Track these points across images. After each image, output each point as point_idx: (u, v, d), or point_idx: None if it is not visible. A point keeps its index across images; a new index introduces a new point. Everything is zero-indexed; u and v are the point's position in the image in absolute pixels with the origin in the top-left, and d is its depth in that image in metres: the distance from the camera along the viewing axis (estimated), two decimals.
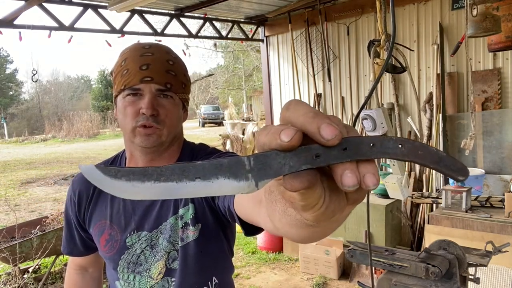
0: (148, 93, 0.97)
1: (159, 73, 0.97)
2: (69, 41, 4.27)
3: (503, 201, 2.93)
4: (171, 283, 1.07)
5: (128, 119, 0.98)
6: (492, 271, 2.73)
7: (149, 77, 0.96)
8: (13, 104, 37.12)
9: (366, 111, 1.40)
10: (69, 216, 1.18)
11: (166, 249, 1.06)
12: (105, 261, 1.16)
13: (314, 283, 3.89)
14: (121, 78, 0.98)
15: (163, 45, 1.05)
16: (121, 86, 0.98)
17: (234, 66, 22.60)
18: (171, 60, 1.01)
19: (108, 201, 1.09)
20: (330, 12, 5.00)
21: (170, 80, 0.99)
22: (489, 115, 3.87)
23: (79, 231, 1.18)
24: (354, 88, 4.98)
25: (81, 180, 1.14)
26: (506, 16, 2.69)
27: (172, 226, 1.05)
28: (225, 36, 6.11)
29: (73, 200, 1.14)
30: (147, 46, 1.01)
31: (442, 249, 1.21)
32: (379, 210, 3.77)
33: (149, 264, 1.07)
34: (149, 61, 0.97)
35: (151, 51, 0.99)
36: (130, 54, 1.00)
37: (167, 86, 0.98)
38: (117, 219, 1.08)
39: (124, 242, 1.07)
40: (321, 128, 0.33)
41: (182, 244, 1.05)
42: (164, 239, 1.06)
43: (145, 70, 0.96)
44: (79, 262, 1.26)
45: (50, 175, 11.64)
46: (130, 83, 0.97)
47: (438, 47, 4.14)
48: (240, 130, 8.01)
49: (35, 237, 3.77)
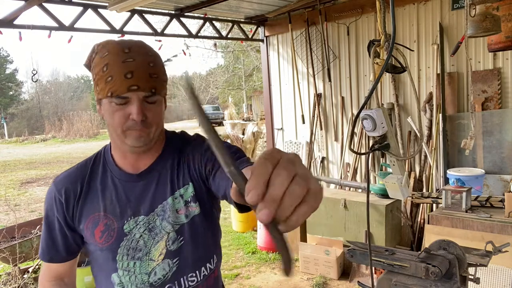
0: (136, 101, 1.01)
1: (144, 79, 1.00)
2: (69, 41, 4.27)
3: (503, 201, 2.93)
4: (174, 264, 1.12)
5: (117, 123, 1.03)
6: (492, 271, 2.73)
7: (135, 85, 0.99)
8: (13, 104, 37.10)
9: (366, 111, 1.40)
10: (50, 219, 1.15)
11: (166, 229, 1.11)
12: (99, 256, 1.14)
13: (314, 283, 3.89)
14: (105, 84, 1.01)
15: (141, 43, 1.06)
16: (107, 93, 1.01)
17: (234, 66, 22.59)
18: (151, 62, 1.03)
19: (100, 194, 1.12)
20: (330, 12, 5.00)
21: (154, 84, 1.03)
22: (489, 115, 3.87)
23: (64, 232, 1.15)
24: (354, 88, 4.98)
25: (66, 179, 1.15)
26: (506, 16, 2.69)
27: (170, 206, 1.11)
28: (225, 36, 6.11)
29: (59, 200, 1.13)
30: (127, 50, 1.01)
31: (442, 249, 1.21)
32: (379, 210, 3.77)
33: (149, 247, 1.10)
34: (133, 68, 0.99)
35: (132, 56, 1.01)
36: (111, 59, 1.00)
37: (153, 91, 1.03)
38: (111, 209, 1.11)
39: (122, 229, 1.10)
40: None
41: (187, 221, 1.12)
42: (163, 220, 1.10)
43: (130, 78, 0.99)
44: (55, 272, 1.20)
45: (50, 175, 11.64)
46: (116, 92, 1.00)
47: (438, 47, 4.14)
48: (240, 130, 8.01)
49: (35, 237, 3.77)
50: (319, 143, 5.41)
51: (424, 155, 4.35)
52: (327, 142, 5.35)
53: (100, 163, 1.17)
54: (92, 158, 1.19)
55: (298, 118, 5.63)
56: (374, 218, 3.79)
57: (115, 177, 1.13)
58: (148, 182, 1.12)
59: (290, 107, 5.74)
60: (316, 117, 5.35)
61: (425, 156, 4.34)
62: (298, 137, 5.74)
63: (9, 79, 38.03)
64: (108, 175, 1.14)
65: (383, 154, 1.49)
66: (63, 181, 1.15)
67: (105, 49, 1.03)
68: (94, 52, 1.06)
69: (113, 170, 1.14)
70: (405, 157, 3.71)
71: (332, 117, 5.23)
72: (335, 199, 4.10)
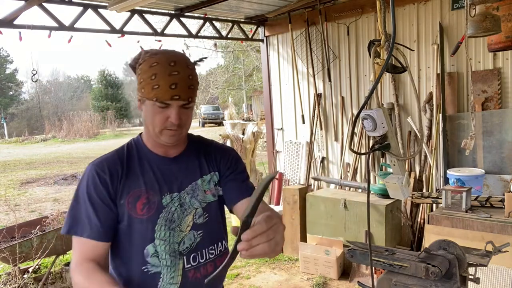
0: (175, 108, 1.22)
1: (184, 91, 1.21)
2: (69, 41, 4.27)
3: (503, 201, 2.93)
4: (198, 235, 1.34)
5: (156, 123, 1.23)
6: (492, 271, 2.73)
7: (177, 95, 1.20)
8: (13, 104, 37.09)
9: (366, 111, 1.40)
10: (94, 197, 1.23)
11: (194, 205, 1.33)
12: (137, 228, 1.27)
13: (314, 283, 3.89)
14: (152, 89, 1.20)
15: (184, 58, 1.25)
16: (153, 98, 1.20)
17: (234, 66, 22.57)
18: (191, 75, 1.23)
19: (139, 173, 1.29)
20: (330, 12, 5.00)
21: (191, 94, 1.24)
22: (489, 115, 3.87)
23: (107, 208, 1.24)
24: (354, 88, 4.98)
25: (105, 161, 1.28)
26: (506, 16, 2.68)
27: (200, 187, 1.35)
28: (225, 36, 6.11)
29: (103, 178, 1.25)
30: (173, 63, 1.20)
31: (442, 249, 1.21)
32: (379, 210, 3.77)
33: (180, 220, 1.31)
34: (177, 81, 1.19)
35: (177, 70, 1.20)
36: (159, 70, 1.19)
37: (189, 100, 1.23)
38: (151, 185, 1.29)
39: (161, 202, 1.28)
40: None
41: (214, 199, 1.38)
42: (191, 198, 1.33)
43: (174, 89, 1.19)
44: (92, 254, 1.22)
45: (50, 175, 11.64)
46: (161, 98, 1.19)
47: (438, 47, 4.14)
48: (240, 130, 8.00)
49: (35, 237, 3.77)
50: (319, 143, 5.41)
51: (424, 155, 4.35)
52: (327, 142, 5.35)
53: (134, 150, 1.34)
54: (124, 147, 1.34)
55: (298, 118, 5.63)
56: (374, 218, 3.79)
57: (151, 160, 1.32)
58: (180, 165, 1.34)
59: (290, 107, 5.74)
60: (316, 117, 5.35)
61: (425, 156, 4.34)
62: (298, 137, 5.74)
63: (9, 79, 38.02)
64: (144, 159, 1.32)
65: (383, 154, 1.49)
66: (103, 163, 1.28)
67: (154, 60, 1.21)
68: (142, 58, 1.25)
69: (148, 154, 1.33)
70: (405, 157, 3.71)
71: (332, 117, 5.23)
72: (335, 199, 4.10)
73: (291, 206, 4.52)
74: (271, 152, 6.10)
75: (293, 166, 5.78)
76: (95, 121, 25.64)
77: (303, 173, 5.61)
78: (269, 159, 6.27)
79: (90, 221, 1.22)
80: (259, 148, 9.71)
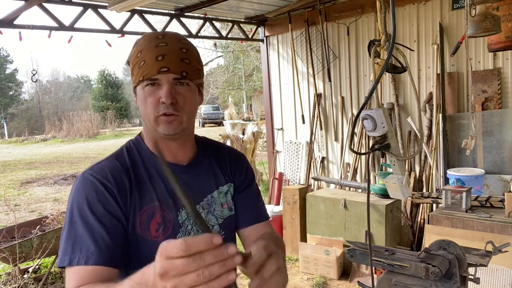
0: (165, 83, 1.01)
1: (175, 62, 1.01)
2: (69, 41, 4.27)
3: (503, 201, 2.93)
4: None
5: (149, 109, 1.02)
6: (492, 271, 2.73)
7: (166, 67, 1.00)
8: (13, 104, 37.11)
9: (366, 111, 1.40)
10: (100, 211, 0.96)
11: (211, 222, 1.14)
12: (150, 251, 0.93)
13: (314, 283, 3.89)
14: (138, 69, 1.02)
15: (175, 33, 1.09)
16: (140, 77, 1.01)
17: (234, 66, 22.58)
18: (184, 48, 1.04)
19: (149, 185, 1.06)
20: (330, 12, 5.00)
21: (185, 68, 1.02)
22: (489, 115, 3.87)
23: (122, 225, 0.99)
24: (354, 88, 4.98)
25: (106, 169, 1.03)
26: (506, 16, 2.69)
27: (215, 200, 1.16)
28: (225, 36, 6.11)
29: (110, 188, 0.99)
30: (161, 36, 1.03)
31: (442, 249, 1.20)
32: (379, 210, 3.77)
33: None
34: (164, 52, 1.00)
35: (165, 41, 1.02)
36: (145, 45, 1.02)
37: (183, 74, 1.02)
38: (164, 200, 1.06)
39: (177, 220, 1.07)
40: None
41: (231, 213, 1.19)
42: (208, 213, 1.14)
43: (161, 60, 0.99)
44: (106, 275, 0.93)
45: (50, 175, 11.64)
46: (148, 75, 1.00)
47: (438, 47, 4.14)
48: (240, 130, 8.01)
49: (35, 237, 3.77)
50: (319, 143, 5.41)
51: (424, 155, 4.35)
52: (327, 142, 5.35)
53: (136, 155, 1.10)
54: (123, 151, 1.10)
55: (298, 118, 5.63)
56: (374, 218, 3.79)
57: (159, 168, 1.07)
58: (195, 174, 1.13)
59: (290, 107, 5.74)
60: (316, 117, 5.35)
61: (425, 156, 4.34)
62: (298, 137, 5.74)
63: (9, 79, 38.05)
64: (150, 165, 1.08)
65: (383, 154, 1.49)
66: (104, 170, 1.02)
67: (142, 38, 1.05)
68: (134, 46, 1.07)
69: (154, 160, 1.09)
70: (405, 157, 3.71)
71: (332, 117, 5.23)
72: (335, 199, 4.10)
73: (291, 206, 4.52)
74: (271, 152, 6.11)
75: (293, 166, 5.78)
76: (95, 121, 25.63)
77: (303, 173, 5.61)
78: (269, 159, 6.27)
79: (96, 242, 0.93)
80: (259, 148, 9.72)
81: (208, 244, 0.60)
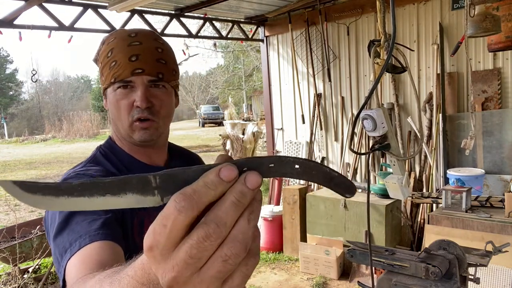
0: (140, 85, 0.93)
1: (150, 63, 0.94)
2: (69, 41, 4.27)
3: (503, 201, 2.93)
4: None
5: (122, 114, 0.95)
6: (492, 271, 2.73)
7: (140, 68, 0.92)
8: (13, 104, 37.13)
9: (366, 111, 1.40)
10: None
11: None
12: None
13: (314, 283, 3.89)
14: (109, 70, 0.94)
15: (150, 30, 1.02)
16: (111, 79, 0.94)
17: (234, 66, 22.61)
18: (160, 48, 0.97)
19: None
20: (330, 12, 5.00)
21: (161, 69, 0.96)
22: (489, 115, 3.87)
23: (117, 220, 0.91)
24: (354, 88, 4.98)
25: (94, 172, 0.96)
26: (506, 16, 2.69)
27: None
28: (225, 36, 6.11)
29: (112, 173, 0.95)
30: (133, 34, 0.96)
31: (442, 249, 1.21)
32: (379, 210, 3.77)
33: None
34: (138, 51, 0.93)
35: (138, 40, 0.94)
36: (116, 43, 0.94)
37: (159, 76, 0.95)
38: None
39: None
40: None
41: None
42: None
43: (135, 61, 0.92)
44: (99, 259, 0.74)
45: (50, 175, 11.64)
46: (120, 76, 0.93)
47: (438, 47, 4.14)
48: (240, 130, 8.01)
49: (35, 237, 3.77)
50: (319, 143, 5.41)
51: (424, 155, 4.35)
52: (327, 142, 5.35)
53: (114, 159, 1.02)
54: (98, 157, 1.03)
55: (298, 118, 5.63)
56: (374, 218, 3.79)
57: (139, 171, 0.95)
58: None
59: (290, 107, 5.74)
60: (316, 117, 5.35)
61: (425, 156, 4.34)
62: (298, 137, 5.74)
63: (9, 79, 38.05)
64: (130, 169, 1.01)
65: (383, 154, 1.49)
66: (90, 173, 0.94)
67: (112, 36, 0.97)
68: (102, 43, 0.99)
69: (134, 163, 1.02)
70: (405, 157, 3.71)
71: (332, 117, 5.23)
72: (335, 199, 4.10)
73: (291, 206, 4.52)
74: (271, 152, 6.10)
75: None
76: (95, 121, 25.62)
77: None
78: None
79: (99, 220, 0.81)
80: (259, 148, 9.72)
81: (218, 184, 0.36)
